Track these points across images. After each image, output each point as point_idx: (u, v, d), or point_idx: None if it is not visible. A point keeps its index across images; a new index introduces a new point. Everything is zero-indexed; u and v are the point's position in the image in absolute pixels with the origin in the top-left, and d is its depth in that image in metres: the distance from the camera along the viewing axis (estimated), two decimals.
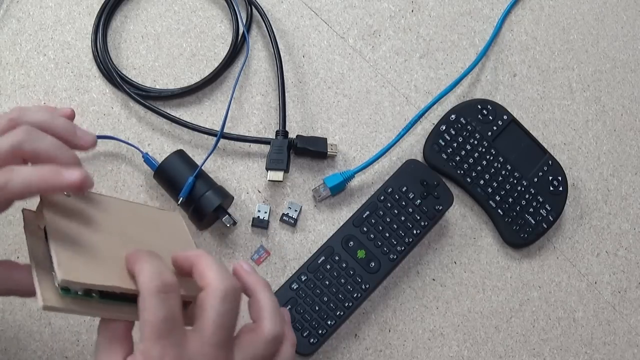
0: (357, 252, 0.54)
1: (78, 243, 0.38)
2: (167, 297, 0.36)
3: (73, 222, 0.39)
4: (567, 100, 0.64)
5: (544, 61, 0.65)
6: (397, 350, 0.55)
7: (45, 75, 0.58)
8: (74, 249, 0.37)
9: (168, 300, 0.36)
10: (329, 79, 0.61)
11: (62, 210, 0.39)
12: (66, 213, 0.39)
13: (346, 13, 0.63)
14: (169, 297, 0.36)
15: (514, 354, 0.57)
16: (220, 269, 0.37)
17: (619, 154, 0.63)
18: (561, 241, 0.60)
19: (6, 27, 0.59)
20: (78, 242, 0.38)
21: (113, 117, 0.57)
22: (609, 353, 0.58)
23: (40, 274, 0.36)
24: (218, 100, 0.59)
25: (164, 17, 0.61)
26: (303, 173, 0.58)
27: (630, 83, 0.66)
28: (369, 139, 0.60)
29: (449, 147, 0.59)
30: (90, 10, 0.60)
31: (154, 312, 0.35)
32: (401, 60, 0.63)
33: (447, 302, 0.57)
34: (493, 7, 0.66)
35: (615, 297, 0.60)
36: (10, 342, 0.51)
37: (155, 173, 0.54)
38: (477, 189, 0.59)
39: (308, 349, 0.52)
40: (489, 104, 0.60)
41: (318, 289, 0.53)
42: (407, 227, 0.55)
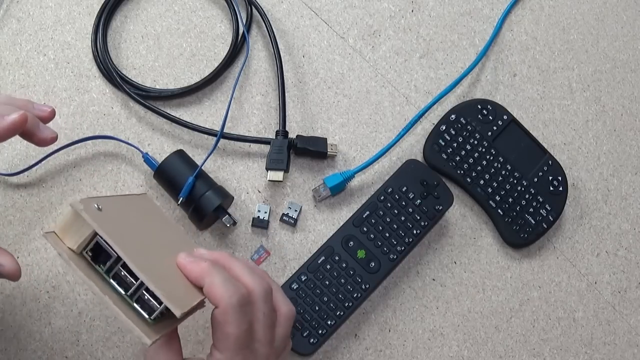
0: (357, 252, 0.54)
1: (152, 265, 0.37)
2: (246, 311, 0.38)
3: (127, 240, 0.37)
4: (567, 100, 0.64)
5: (544, 61, 0.65)
6: (397, 350, 0.55)
7: (45, 75, 0.58)
8: (154, 273, 0.37)
9: (247, 314, 0.38)
10: (329, 79, 0.61)
11: (109, 226, 0.37)
12: (113, 229, 0.37)
13: (346, 13, 0.63)
14: (247, 310, 0.38)
15: (514, 354, 0.57)
16: (225, 284, 0.38)
17: (619, 154, 0.63)
18: (561, 241, 0.60)
19: (6, 27, 0.59)
20: (150, 264, 0.37)
21: (113, 117, 0.57)
22: (609, 353, 0.58)
23: (120, 307, 0.36)
24: (218, 100, 0.59)
25: (164, 17, 0.61)
26: (303, 173, 0.58)
27: (630, 83, 0.66)
28: (369, 139, 0.60)
29: (449, 147, 0.59)
30: (90, 10, 0.60)
31: (237, 325, 0.37)
32: (401, 60, 0.63)
33: (447, 302, 0.57)
34: (493, 7, 0.66)
35: (615, 297, 0.60)
36: (10, 342, 0.51)
37: (155, 173, 0.54)
38: (477, 189, 0.59)
39: (308, 349, 0.52)
40: (489, 104, 0.60)
41: (318, 289, 0.53)
42: (407, 227, 0.55)
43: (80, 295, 0.53)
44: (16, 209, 0.54)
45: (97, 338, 0.52)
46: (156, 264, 0.38)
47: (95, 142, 0.57)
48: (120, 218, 0.39)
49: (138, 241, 0.39)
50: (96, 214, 0.36)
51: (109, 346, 0.52)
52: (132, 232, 0.39)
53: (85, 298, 0.53)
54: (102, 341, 0.52)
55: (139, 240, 0.39)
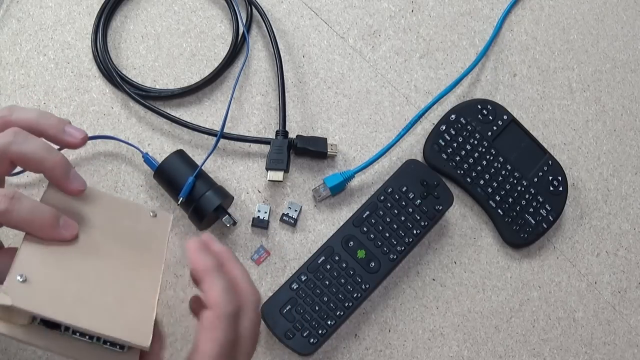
0: (357, 252, 0.54)
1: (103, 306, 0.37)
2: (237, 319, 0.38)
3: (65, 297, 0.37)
4: (567, 100, 0.64)
5: (544, 61, 0.65)
6: (397, 350, 0.55)
7: (45, 75, 0.58)
8: (107, 316, 0.37)
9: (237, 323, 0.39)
10: (329, 79, 0.61)
11: (41, 296, 0.36)
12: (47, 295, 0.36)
13: (346, 13, 0.63)
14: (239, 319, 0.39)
15: (514, 354, 0.57)
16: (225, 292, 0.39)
17: (619, 154, 0.63)
18: (561, 241, 0.60)
19: (6, 27, 0.59)
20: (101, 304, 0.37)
21: (113, 117, 0.57)
22: (609, 353, 0.58)
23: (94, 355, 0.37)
24: (218, 100, 0.59)
25: (164, 17, 0.61)
26: (303, 173, 0.58)
27: (630, 83, 0.66)
28: (369, 139, 0.60)
29: (449, 147, 0.59)
30: (90, 10, 0.60)
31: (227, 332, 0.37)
32: (401, 60, 0.63)
33: (447, 302, 0.57)
34: (493, 7, 0.66)
35: (615, 297, 0.60)
36: (10, 342, 0.51)
37: (155, 173, 0.54)
38: (477, 189, 0.59)
39: (308, 349, 0.52)
40: (489, 104, 0.60)
41: (318, 289, 0.53)
42: (407, 227, 0.55)
43: None
44: None
45: None
46: (108, 300, 0.37)
47: (95, 142, 0.57)
48: (55, 265, 0.37)
49: (81, 285, 0.37)
50: (24, 293, 0.35)
51: None
52: (72, 276, 0.38)
53: None
54: None
55: (83, 282, 0.38)
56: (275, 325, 0.52)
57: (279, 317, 0.52)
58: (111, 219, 0.42)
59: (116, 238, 0.41)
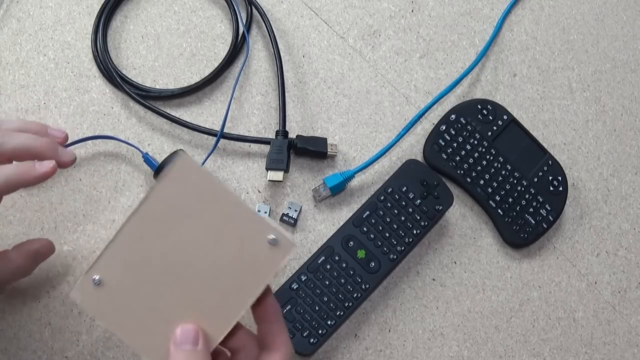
0: (357, 252, 0.54)
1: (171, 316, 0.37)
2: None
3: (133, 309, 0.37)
4: (567, 100, 0.64)
5: (544, 61, 0.65)
6: (397, 350, 0.55)
7: (45, 75, 0.58)
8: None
9: None
10: (329, 79, 0.61)
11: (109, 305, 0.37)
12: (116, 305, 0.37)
13: (346, 13, 0.63)
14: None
15: (514, 354, 0.57)
16: (288, 336, 0.39)
17: (619, 154, 0.63)
18: (561, 241, 0.60)
19: (6, 27, 0.59)
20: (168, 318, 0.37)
21: (113, 117, 0.57)
22: (609, 353, 0.58)
23: None
24: (218, 100, 0.59)
25: (164, 17, 0.61)
26: (303, 173, 0.58)
27: (630, 83, 0.66)
28: (369, 139, 0.60)
29: (449, 147, 0.59)
30: (90, 10, 0.60)
31: None
32: (401, 60, 0.63)
33: (447, 302, 0.57)
34: (493, 7, 0.66)
35: (615, 297, 0.60)
36: (10, 342, 0.51)
37: (155, 173, 0.54)
38: (477, 189, 0.59)
39: (308, 349, 0.52)
40: (489, 104, 0.60)
41: (318, 289, 0.53)
42: (407, 227, 0.55)
43: None
44: (16, 209, 0.54)
45: (97, 338, 0.52)
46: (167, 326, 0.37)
47: (95, 142, 0.57)
48: (134, 277, 0.37)
49: (149, 304, 0.37)
50: (93, 296, 0.37)
51: (109, 346, 0.52)
52: (145, 293, 0.37)
53: None
54: (102, 341, 0.52)
55: (153, 302, 0.37)
56: None
57: None
58: (220, 229, 0.37)
59: (213, 257, 0.37)
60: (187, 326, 0.37)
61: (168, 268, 0.37)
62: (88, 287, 0.37)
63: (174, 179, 0.36)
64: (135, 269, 0.37)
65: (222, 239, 0.37)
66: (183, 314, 0.37)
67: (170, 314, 0.37)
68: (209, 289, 0.37)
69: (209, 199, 0.36)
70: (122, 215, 0.55)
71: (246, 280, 0.37)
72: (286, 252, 0.37)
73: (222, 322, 0.37)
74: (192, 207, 0.36)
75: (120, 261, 0.37)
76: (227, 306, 0.37)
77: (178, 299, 0.37)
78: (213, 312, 0.37)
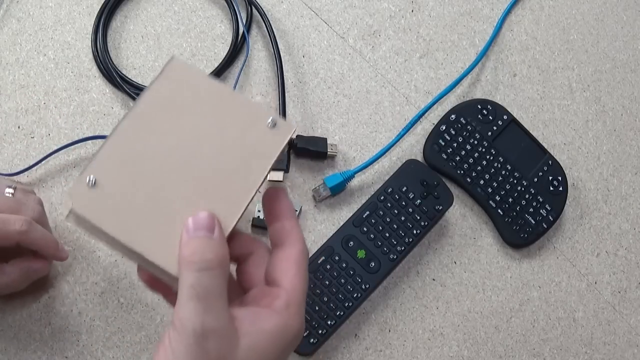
0: (357, 252, 0.54)
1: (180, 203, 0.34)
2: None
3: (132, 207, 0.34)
4: (567, 100, 0.64)
5: (544, 61, 0.65)
6: (397, 350, 0.55)
7: (45, 75, 0.58)
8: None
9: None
10: (329, 79, 0.61)
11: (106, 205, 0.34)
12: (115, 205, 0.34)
13: (346, 13, 0.63)
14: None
15: (514, 354, 0.57)
16: (302, 234, 0.37)
17: (619, 154, 0.63)
18: (561, 241, 0.60)
19: (6, 27, 0.59)
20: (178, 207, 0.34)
21: (113, 117, 0.57)
22: (609, 353, 0.58)
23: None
24: None
25: (164, 17, 0.61)
26: (303, 173, 0.58)
27: (630, 83, 0.66)
28: (369, 139, 0.60)
29: (449, 147, 0.59)
30: (90, 10, 0.60)
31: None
32: (401, 60, 0.63)
33: (447, 302, 0.57)
34: (493, 7, 0.66)
35: (615, 297, 0.60)
36: (10, 342, 0.51)
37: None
38: (477, 189, 0.59)
39: (308, 349, 0.52)
40: (489, 104, 0.60)
41: (318, 289, 0.53)
42: (407, 227, 0.55)
43: (80, 296, 0.53)
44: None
45: (97, 338, 0.52)
46: (171, 222, 0.34)
47: (95, 142, 0.57)
48: (133, 173, 0.35)
49: (151, 200, 0.34)
50: (87, 199, 0.34)
51: (109, 346, 0.52)
52: (146, 189, 0.35)
53: (85, 298, 0.53)
54: (102, 341, 0.52)
55: (155, 196, 0.35)
56: None
57: None
58: (219, 120, 0.36)
59: (215, 147, 0.36)
60: (202, 213, 0.34)
61: (169, 163, 0.35)
62: (82, 190, 0.34)
63: (167, 78, 0.36)
64: (133, 166, 0.35)
65: (222, 129, 0.36)
66: (190, 207, 0.34)
67: (175, 209, 0.34)
68: (214, 179, 0.36)
69: (204, 94, 0.36)
70: None
71: (251, 165, 0.36)
72: (287, 132, 0.37)
73: (232, 207, 0.35)
74: (189, 103, 0.36)
75: (117, 160, 0.35)
76: (235, 192, 0.36)
77: (182, 193, 0.35)
78: (221, 200, 0.35)
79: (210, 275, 0.32)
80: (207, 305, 0.32)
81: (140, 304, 0.53)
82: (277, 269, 0.35)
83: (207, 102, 0.36)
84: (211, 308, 0.32)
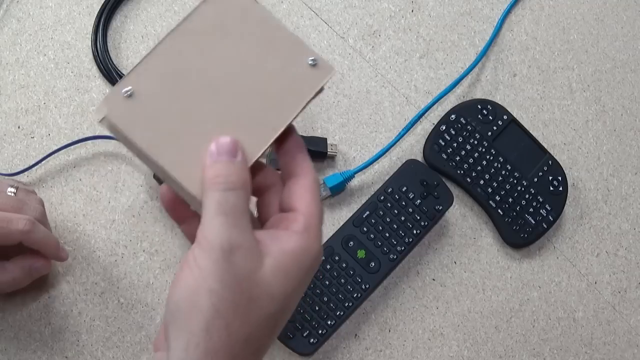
0: (357, 252, 0.54)
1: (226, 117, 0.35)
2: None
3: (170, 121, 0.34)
4: (567, 100, 0.64)
5: (544, 61, 0.65)
6: (397, 350, 0.55)
7: (45, 75, 0.58)
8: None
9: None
10: None
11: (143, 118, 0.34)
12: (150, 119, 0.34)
13: (346, 13, 0.63)
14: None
15: (514, 354, 0.57)
16: (312, 166, 0.38)
17: (619, 154, 0.63)
18: (561, 241, 0.60)
19: (6, 27, 0.59)
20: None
21: None
22: (609, 353, 0.58)
23: None
24: None
25: (164, 17, 0.61)
26: None
27: (630, 83, 0.66)
28: (369, 139, 0.60)
29: (449, 147, 0.59)
30: (90, 10, 0.60)
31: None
32: (401, 60, 0.63)
33: (447, 302, 0.57)
34: (493, 7, 0.66)
35: (615, 297, 0.60)
36: (10, 342, 0.51)
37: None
38: (477, 189, 0.59)
39: (308, 349, 0.52)
40: (489, 104, 0.60)
41: (318, 289, 0.53)
42: (407, 227, 0.55)
43: (80, 295, 0.53)
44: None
45: (97, 338, 0.52)
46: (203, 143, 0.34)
47: (95, 142, 0.57)
48: (173, 89, 0.35)
49: (186, 119, 0.35)
50: (122, 109, 0.34)
51: (109, 346, 0.52)
52: (183, 107, 0.35)
53: (85, 298, 0.53)
54: (102, 341, 0.52)
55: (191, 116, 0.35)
56: None
57: None
58: (262, 50, 0.37)
59: (254, 76, 0.36)
60: (224, 138, 0.34)
61: (206, 85, 0.35)
62: (118, 99, 0.34)
63: (216, 1, 0.36)
64: (170, 83, 0.35)
65: (264, 59, 0.36)
66: (220, 130, 0.35)
67: (205, 132, 0.35)
68: (248, 106, 0.36)
69: (251, 21, 0.36)
70: (122, 215, 0.55)
71: (286, 99, 0.37)
72: (326, 73, 0.37)
73: (259, 139, 0.36)
74: (234, 28, 0.36)
75: (155, 75, 0.35)
76: (266, 123, 0.36)
77: (215, 116, 0.35)
78: (252, 129, 0.36)
79: (235, 194, 0.33)
80: (233, 221, 0.32)
81: (140, 304, 0.53)
82: (293, 196, 0.36)
83: (252, 29, 0.36)
84: (237, 224, 0.32)
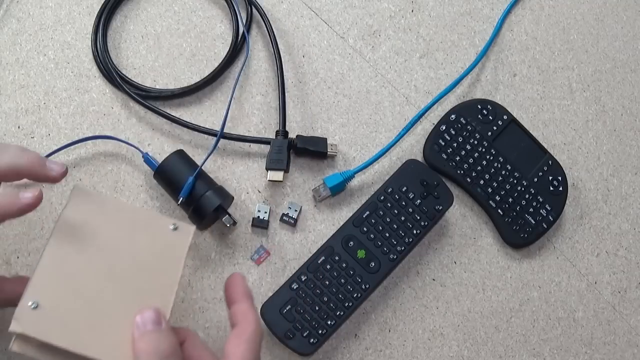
0: (357, 252, 0.54)
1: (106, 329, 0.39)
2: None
3: (74, 322, 0.39)
4: (567, 100, 0.64)
5: (544, 61, 0.65)
6: (397, 350, 0.55)
7: (45, 75, 0.58)
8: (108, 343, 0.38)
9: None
10: (329, 79, 0.61)
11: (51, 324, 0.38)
12: (57, 322, 0.39)
13: (346, 13, 0.63)
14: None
15: (514, 354, 0.57)
16: (259, 316, 0.42)
17: (619, 154, 0.63)
18: (561, 241, 0.60)
19: (6, 27, 0.59)
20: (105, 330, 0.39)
21: (113, 117, 0.57)
22: (609, 353, 0.58)
23: None
24: (218, 100, 0.59)
25: (164, 17, 0.61)
26: (303, 173, 0.58)
27: (630, 83, 0.66)
28: (369, 139, 0.60)
29: (449, 147, 0.59)
30: (90, 10, 0.60)
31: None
32: (401, 60, 0.63)
33: (447, 302, 0.57)
34: (493, 7, 0.66)
35: (615, 297, 0.60)
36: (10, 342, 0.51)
37: (155, 173, 0.54)
38: (477, 189, 0.59)
39: (308, 349, 0.52)
40: (489, 104, 0.60)
41: (318, 289, 0.53)
42: (407, 227, 0.55)
43: None
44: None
45: None
46: (117, 326, 0.39)
47: (95, 142, 0.57)
48: (67, 290, 0.39)
49: (91, 310, 0.39)
50: (34, 320, 0.38)
51: None
52: (84, 301, 0.40)
53: None
54: None
55: (94, 306, 0.40)
56: (275, 325, 0.52)
57: (279, 317, 0.52)
58: (130, 233, 0.43)
59: (133, 255, 0.42)
60: (145, 311, 0.39)
61: (97, 275, 0.40)
62: (26, 314, 0.38)
63: (75, 204, 0.42)
64: (66, 285, 0.39)
65: (135, 240, 0.42)
66: (128, 307, 0.39)
67: (115, 312, 0.39)
68: (140, 280, 0.41)
69: (111, 212, 0.43)
70: None
71: (168, 264, 0.43)
72: (189, 233, 0.44)
73: (163, 302, 0.41)
74: (100, 222, 0.42)
75: (50, 282, 0.39)
76: (161, 288, 0.41)
77: (117, 297, 0.40)
78: (152, 297, 0.41)
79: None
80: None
81: None
82: (231, 344, 0.40)
83: (113, 218, 0.43)
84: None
